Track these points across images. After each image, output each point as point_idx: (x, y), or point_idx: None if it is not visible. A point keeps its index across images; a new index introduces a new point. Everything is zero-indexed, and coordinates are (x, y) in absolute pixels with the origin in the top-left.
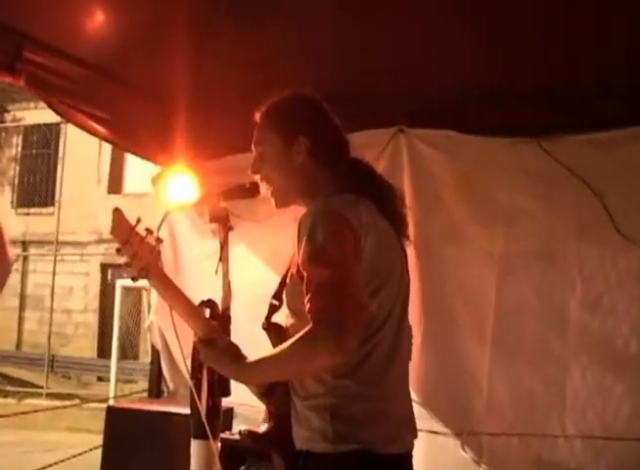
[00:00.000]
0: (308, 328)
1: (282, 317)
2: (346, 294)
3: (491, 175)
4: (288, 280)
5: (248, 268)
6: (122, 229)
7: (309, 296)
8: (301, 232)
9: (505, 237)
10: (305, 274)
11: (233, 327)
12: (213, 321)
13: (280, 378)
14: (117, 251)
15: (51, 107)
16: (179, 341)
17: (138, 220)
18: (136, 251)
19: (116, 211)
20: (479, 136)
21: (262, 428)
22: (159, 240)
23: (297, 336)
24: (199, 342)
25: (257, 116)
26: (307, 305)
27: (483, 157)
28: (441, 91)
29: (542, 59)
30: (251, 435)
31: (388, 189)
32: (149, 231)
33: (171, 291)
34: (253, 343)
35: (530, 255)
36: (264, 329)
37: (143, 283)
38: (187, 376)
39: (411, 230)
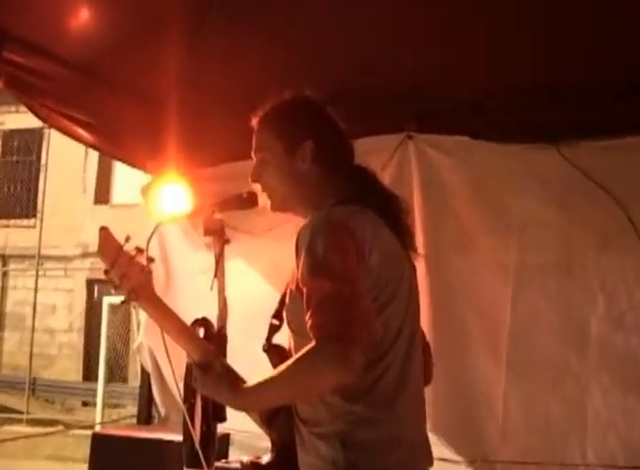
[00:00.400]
0: (311, 345)
1: (284, 338)
2: (351, 307)
3: (505, 183)
4: (287, 297)
5: (245, 284)
6: (110, 249)
7: (310, 311)
8: (300, 244)
9: (520, 248)
10: (305, 289)
11: (229, 347)
12: (209, 344)
13: (283, 402)
14: (106, 272)
15: (32, 110)
16: (171, 362)
17: (127, 239)
18: (125, 271)
19: (103, 230)
20: (492, 142)
21: (265, 458)
22: (150, 259)
23: (299, 354)
24: (194, 367)
25: (255, 120)
26: (309, 322)
27: (497, 163)
28: (452, 93)
29: (561, 57)
30: (253, 466)
31: (392, 199)
32: (139, 250)
33: (163, 313)
34: (252, 364)
35: (547, 267)
36: (265, 351)
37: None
38: (179, 400)
39: (420, 241)
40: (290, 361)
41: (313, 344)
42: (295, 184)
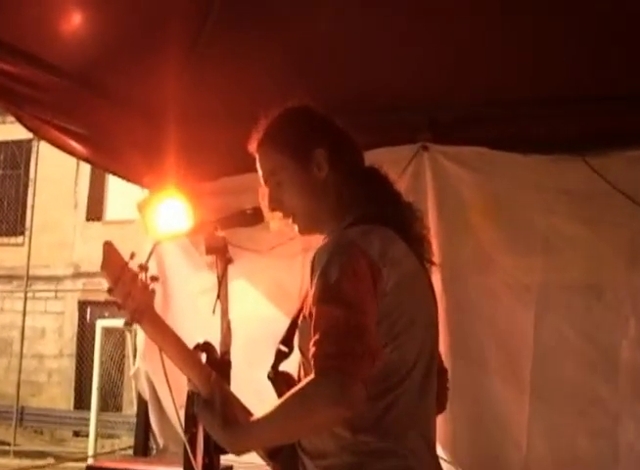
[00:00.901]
0: (310, 378)
1: (292, 364)
2: (357, 340)
3: (528, 197)
4: (300, 323)
5: (249, 306)
6: (114, 265)
7: (316, 338)
8: (315, 267)
9: (544, 267)
10: (314, 315)
11: (233, 373)
12: (213, 371)
13: (281, 440)
14: (109, 291)
15: (21, 121)
16: (171, 389)
17: (132, 255)
18: (129, 290)
19: (107, 245)
20: (514, 153)
21: None
22: (153, 278)
23: (297, 388)
24: (197, 399)
25: (255, 144)
26: (312, 349)
27: (519, 176)
28: (470, 101)
29: (588, 65)
30: None
31: (407, 208)
32: (142, 267)
33: (166, 336)
34: (257, 393)
35: (573, 287)
36: (270, 379)
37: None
38: (180, 430)
39: (436, 259)
40: (286, 396)
41: (312, 376)
42: (317, 196)
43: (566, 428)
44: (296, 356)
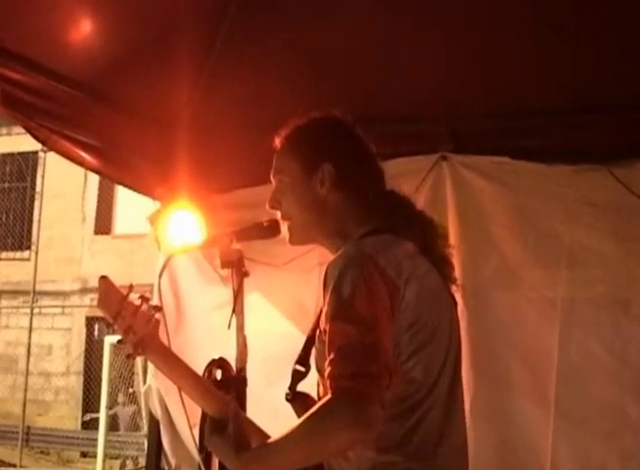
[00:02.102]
0: (325, 400)
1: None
2: (373, 360)
3: (552, 209)
4: (317, 340)
5: (264, 321)
6: (112, 300)
7: (331, 358)
8: (327, 282)
9: (569, 281)
10: (328, 332)
11: (248, 390)
12: (226, 395)
13: (296, 465)
14: (108, 325)
15: (30, 132)
16: (185, 407)
17: (130, 287)
18: (130, 324)
19: (103, 280)
20: (537, 163)
21: None
22: (156, 308)
23: (312, 411)
24: (207, 425)
25: (277, 141)
26: (328, 369)
27: (543, 187)
28: (492, 111)
29: (613, 71)
30: None
31: (429, 226)
32: (144, 299)
33: (173, 365)
34: (272, 409)
35: (600, 302)
36: (288, 401)
37: None
38: (194, 449)
39: (457, 274)
40: (301, 419)
41: (328, 398)
42: (314, 211)
43: (593, 450)
44: (313, 374)
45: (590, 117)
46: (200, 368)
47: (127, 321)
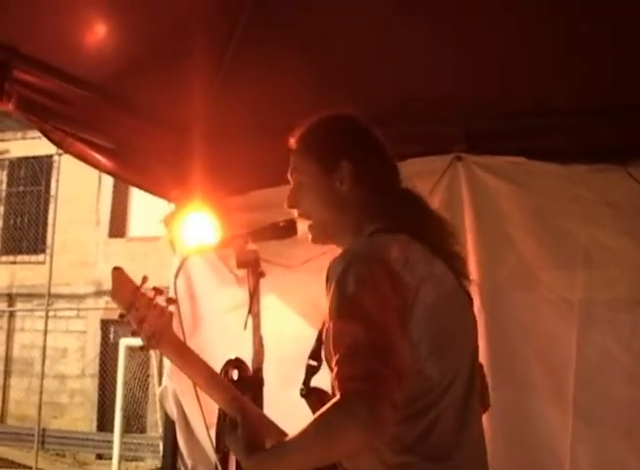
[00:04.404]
0: (335, 401)
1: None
2: (384, 361)
3: (569, 209)
4: (324, 336)
5: (280, 322)
6: (125, 291)
7: (338, 358)
8: (331, 276)
9: (586, 282)
10: (332, 329)
11: (265, 391)
12: (241, 392)
13: (306, 466)
14: (121, 316)
15: (45, 134)
16: (201, 407)
17: (144, 279)
18: (144, 316)
19: (116, 271)
20: (553, 163)
21: None
22: (170, 300)
23: (322, 412)
24: (227, 423)
25: (293, 140)
26: (335, 369)
27: (559, 187)
28: (506, 109)
29: (630, 70)
30: None
31: (441, 224)
32: (157, 291)
33: (187, 359)
34: (288, 410)
35: (618, 303)
36: (303, 396)
37: None
38: (211, 450)
39: (474, 275)
40: (311, 420)
41: (337, 399)
42: (335, 209)
43: (613, 450)
44: (326, 368)
45: (606, 117)
46: (216, 369)
47: (141, 313)
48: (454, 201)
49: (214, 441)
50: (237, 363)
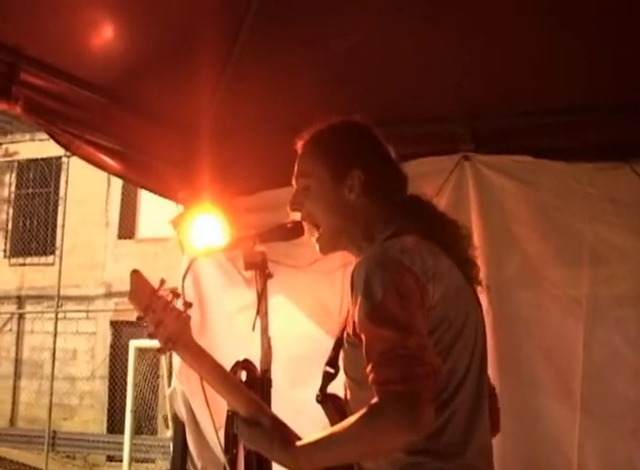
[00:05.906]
0: (376, 403)
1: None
2: (418, 362)
3: (574, 207)
4: (345, 342)
5: (288, 323)
6: (143, 294)
7: (372, 364)
8: (356, 286)
9: (593, 280)
10: (364, 337)
11: (273, 392)
12: (253, 393)
13: (342, 462)
14: (138, 319)
15: (53, 137)
16: (210, 409)
17: (162, 282)
18: (161, 318)
19: (135, 274)
20: (558, 161)
21: None
22: (187, 304)
23: (363, 413)
24: (238, 419)
25: (300, 144)
26: (371, 376)
27: (565, 185)
28: (512, 108)
29: (635, 66)
30: None
31: (452, 228)
32: (175, 294)
33: (203, 362)
34: (297, 411)
35: (624, 300)
36: (319, 402)
37: None
38: (220, 451)
39: (481, 273)
40: (352, 419)
41: (377, 401)
42: (343, 217)
43: (620, 447)
44: (341, 376)
45: (611, 115)
46: None
47: (158, 315)
48: (461, 200)
49: (223, 443)
50: (245, 364)
